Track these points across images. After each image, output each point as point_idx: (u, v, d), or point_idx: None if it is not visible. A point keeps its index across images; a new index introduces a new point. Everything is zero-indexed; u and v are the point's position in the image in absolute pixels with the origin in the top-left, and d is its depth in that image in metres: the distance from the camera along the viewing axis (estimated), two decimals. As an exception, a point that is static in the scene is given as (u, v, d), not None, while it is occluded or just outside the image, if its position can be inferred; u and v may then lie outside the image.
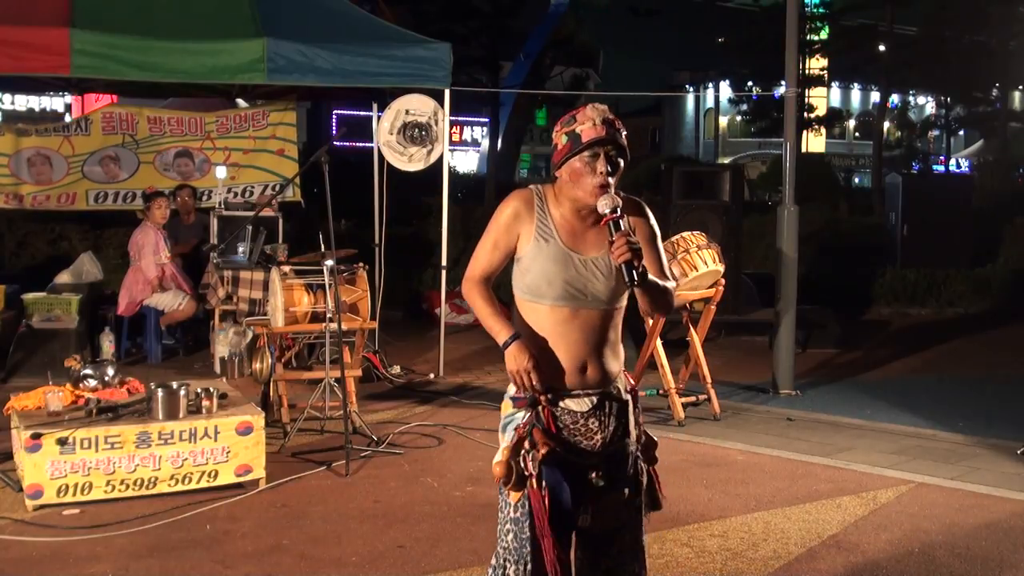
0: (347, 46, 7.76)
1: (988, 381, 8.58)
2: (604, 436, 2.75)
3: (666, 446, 6.25)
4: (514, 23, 25.14)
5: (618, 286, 2.73)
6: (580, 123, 2.69)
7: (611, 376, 2.77)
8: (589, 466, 2.72)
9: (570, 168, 2.70)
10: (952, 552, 4.44)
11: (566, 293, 2.69)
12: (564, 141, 2.71)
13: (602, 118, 2.69)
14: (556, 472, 2.66)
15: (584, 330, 2.71)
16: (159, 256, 8.55)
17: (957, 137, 41.20)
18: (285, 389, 6.65)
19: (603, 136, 2.66)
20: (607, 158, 2.68)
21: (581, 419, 2.72)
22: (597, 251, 2.73)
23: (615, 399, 2.79)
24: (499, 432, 2.79)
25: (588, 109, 2.71)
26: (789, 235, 7.72)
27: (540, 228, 2.72)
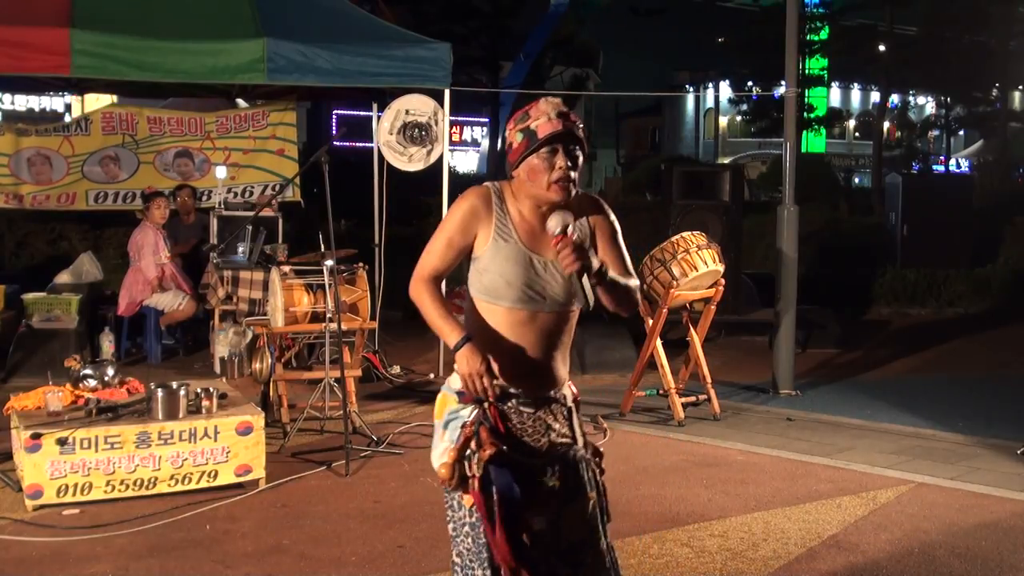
0: (347, 46, 7.76)
1: (988, 381, 8.58)
2: (552, 437, 2.69)
3: (666, 446, 6.28)
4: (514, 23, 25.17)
5: (576, 289, 2.65)
6: (534, 119, 2.60)
7: (560, 380, 2.73)
8: (540, 466, 2.65)
9: (528, 166, 2.61)
10: (952, 552, 4.44)
11: (524, 296, 2.62)
12: (519, 139, 2.62)
13: (556, 111, 2.60)
14: (506, 473, 2.55)
15: (540, 333, 2.65)
16: (159, 256, 8.55)
17: (957, 137, 41.20)
18: (285, 389, 6.65)
19: (560, 130, 2.58)
20: (566, 152, 2.60)
21: (529, 419, 2.66)
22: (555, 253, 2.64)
23: (560, 404, 2.73)
24: (439, 428, 2.67)
25: (541, 103, 2.62)
26: (789, 235, 7.72)
27: (499, 228, 2.64)
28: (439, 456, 2.62)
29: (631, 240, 2.91)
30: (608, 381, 8.20)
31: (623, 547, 4.44)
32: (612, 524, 2.83)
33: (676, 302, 6.76)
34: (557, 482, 2.66)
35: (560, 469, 2.68)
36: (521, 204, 2.67)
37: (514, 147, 2.64)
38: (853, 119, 46.41)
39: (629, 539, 4.53)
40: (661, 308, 6.73)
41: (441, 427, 2.67)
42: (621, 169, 42.59)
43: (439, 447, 2.65)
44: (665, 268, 6.65)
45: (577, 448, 2.75)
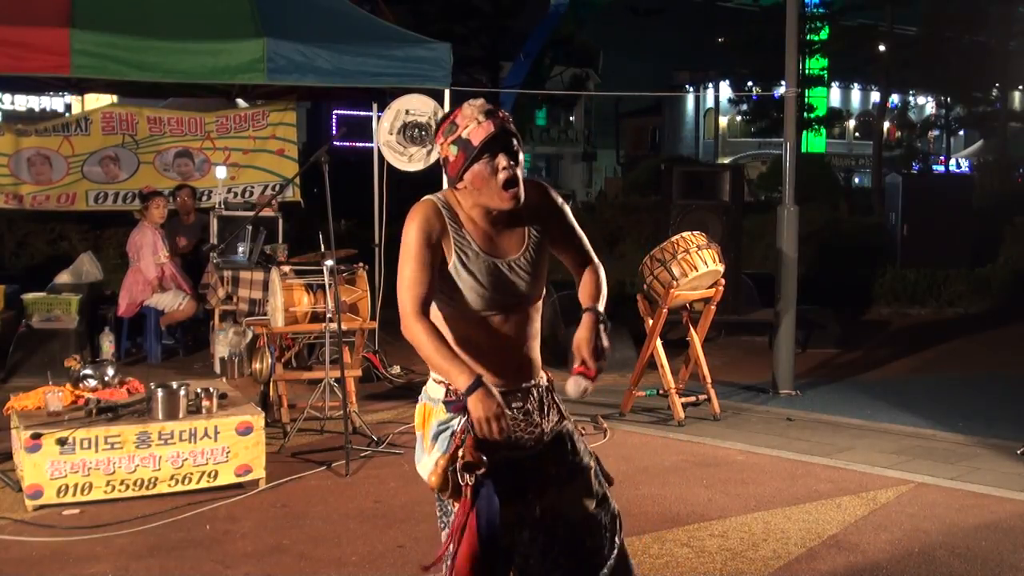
0: (347, 46, 7.76)
1: (988, 381, 8.58)
2: (543, 428, 2.68)
3: (666, 446, 6.27)
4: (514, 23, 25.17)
5: (538, 280, 2.66)
6: (463, 127, 2.52)
7: (537, 366, 2.72)
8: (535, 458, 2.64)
9: (472, 174, 2.53)
10: (952, 552, 4.44)
11: (496, 301, 2.59)
12: (455, 152, 2.54)
13: (483, 112, 2.53)
14: (488, 485, 2.50)
15: (515, 330, 2.63)
16: (158, 256, 8.54)
17: (957, 137, 41.21)
18: (285, 389, 6.65)
19: (494, 131, 2.51)
20: (505, 151, 2.53)
21: (521, 415, 2.64)
22: (517, 251, 2.63)
23: (544, 389, 2.74)
24: (428, 439, 2.64)
25: (465, 108, 2.55)
26: (789, 235, 7.72)
27: (458, 243, 2.57)
28: (429, 467, 2.59)
29: (631, 240, 2.92)
30: (608, 381, 8.19)
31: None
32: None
33: (676, 302, 6.76)
34: (554, 468, 2.66)
35: (555, 453, 2.68)
36: (471, 211, 2.61)
37: (451, 160, 2.56)
38: (853, 119, 46.43)
39: (629, 539, 4.50)
40: (661, 308, 6.73)
41: (430, 439, 2.63)
42: (621, 169, 42.61)
43: (425, 459, 2.63)
44: (665, 268, 6.65)
45: (567, 423, 2.76)
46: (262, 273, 7.82)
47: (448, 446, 2.56)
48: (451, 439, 2.55)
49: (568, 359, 2.69)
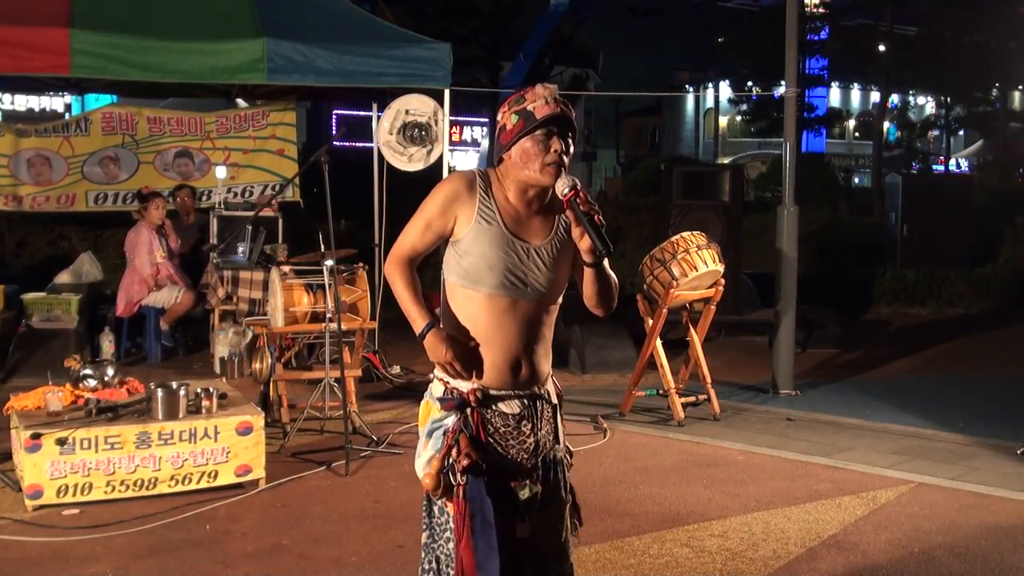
0: (347, 46, 7.76)
1: (988, 381, 8.58)
2: (536, 439, 2.64)
3: (666, 446, 6.27)
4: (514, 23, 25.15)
5: (557, 276, 2.63)
6: (531, 101, 2.56)
7: (542, 376, 2.68)
8: (522, 473, 2.61)
9: (521, 148, 2.55)
10: (952, 552, 4.44)
11: (506, 281, 2.56)
12: (514, 120, 2.56)
13: (553, 96, 2.56)
14: (480, 484, 2.51)
15: (521, 323, 2.59)
16: (153, 256, 8.54)
17: (957, 137, 41.21)
18: (285, 389, 6.65)
19: (558, 113, 2.54)
20: (561, 136, 2.56)
21: (513, 422, 2.61)
22: (541, 239, 2.62)
23: (546, 401, 2.69)
24: (423, 437, 2.64)
25: (538, 88, 2.58)
26: (789, 235, 7.72)
27: (482, 210, 2.58)
28: (424, 465, 2.60)
29: (631, 240, 2.92)
30: (608, 381, 8.21)
31: (623, 547, 4.45)
32: (610, 523, 2.83)
33: (676, 302, 6.76)
34: (538, 488, 2.63)
35: (540, 474, 2.65)
36: (507, 189, 2.62)
37: (508, 128, 2.58)
38: (853, 119, 46.43)
39: (629, 539, 4.54)
40: (661, 308, 6.73)
41: (425, 436, 2.63)
42: (621, 169, 42.62)
43: (423, 456, 2.62)
44: (665, 268, 6.65)
45: (559, 448, 2.72)
46: (262, 273, 7.82)
47: (441, 444, 2.56)
48: (444, 438, 2.57)
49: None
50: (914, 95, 38.55)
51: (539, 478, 2.62)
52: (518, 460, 2.61)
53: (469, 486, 2.50)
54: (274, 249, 8.05)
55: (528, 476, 2.61)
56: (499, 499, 2.54)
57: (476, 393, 2.57)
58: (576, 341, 8.66)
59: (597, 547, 4.43)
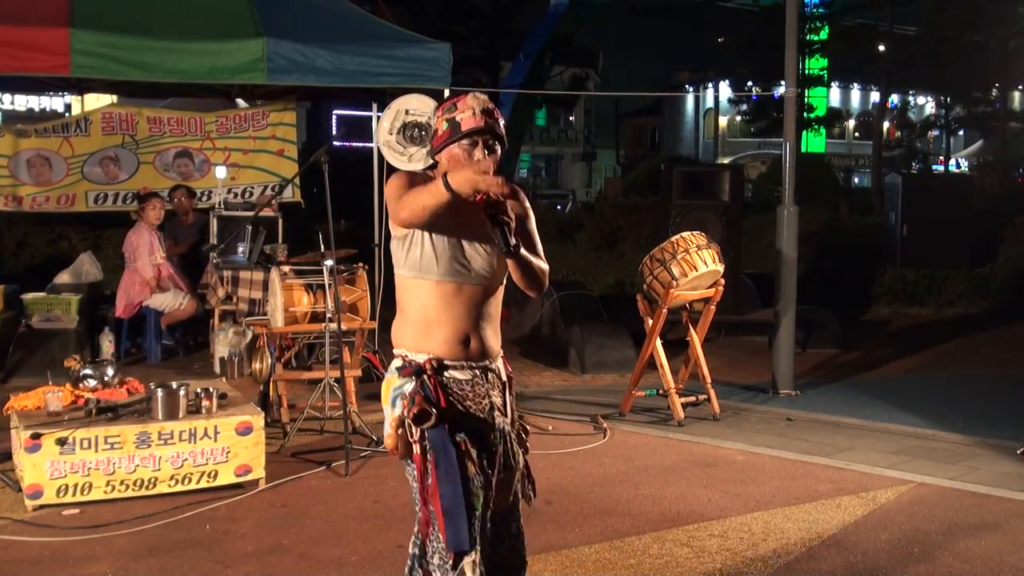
0: (347, 46, 7.75)
1: (988, 381, 8.58)
2: (491, 401, 2.85)
3: (666, 446, 6.28)
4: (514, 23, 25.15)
5: (499, 263, 2.84)
6: (460, 111, 2.79)
7: (492, 352, 2.89)
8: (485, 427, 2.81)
9: (449, 153, 2.80)
10: (952, 552, 4.44)
11: (452, 269, 2.78)
12: (444, 127, 2.81)
13: (482, 108, 2.79)
14: (441, 431, 2.71)
15: (468, 305, 2.81)
16: (154, 257, 8.53)
17: (957, 137, 41.21)
18: (285, 389, 6.65)
19: (481, 126, 2.77)
20: (485, 146, 2.79)
21: (467, 386, 2.82)
22: (480, 229, 2.79)
23: (496, 375, 2.90)
24: (387, 409, 2.82)
25: (469, 99, 2.81)
26: (789, 235, 7.72)
27: None
28: (386, 431, 2.80)
29: (631, 240, 2.94)
30: (608, 381, 8.21)
31: (623, 547, 4.45)
32: (610, 523, 2.86)
33: (676, 302, 6.76)
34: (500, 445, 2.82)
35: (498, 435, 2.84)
36: None
37: (439, 134, 2.83)
38: (853, 119, 46.44)
39: (629, 539, 4.54)
40: (661, 308, 6.73)
41: (389, 407, 2.82)
42: (621, 169, 42.62)
43: (385, 427, 2.82)
44: (665, 268, 6.65)
45: (506, 421, 2.89)
46: (262, 273, 7.82)
47: (400, 408, 2.76)
48: (402, 401, 2.76)
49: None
50: (914, 95, 38.56)
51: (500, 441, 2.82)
52: (478, 416, 2.81)
53: (431, 435, 2.71)
54: (274, 249, 8.05)
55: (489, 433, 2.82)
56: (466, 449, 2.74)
57: (431, 362, 2.78)
58: (576, 341, 8.66)
59: (597, 547, 4.43)
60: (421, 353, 2.79)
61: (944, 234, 13.06)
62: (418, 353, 2.80)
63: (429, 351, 2.79)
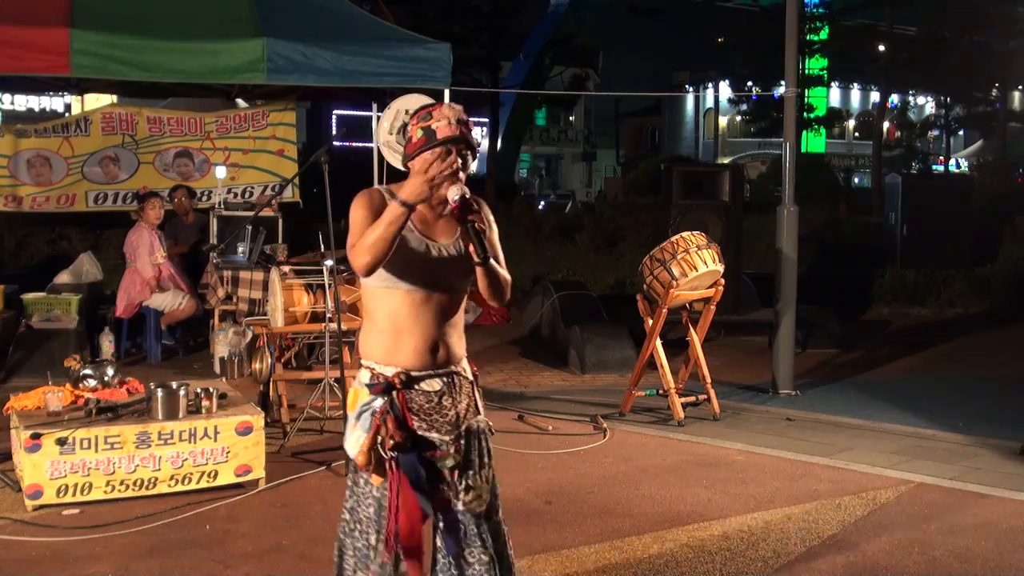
0: (347, 46, 7.75)
1: (988, 381, 8.58)
2: (458, 412, 2.90)
3: (666, 446, 6.27)
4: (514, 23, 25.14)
5: (466, 271, 2.89)
6: (436, 120, 2.83)
7: (457, 357, 2.94)
8: (445, 444, 2.86)
9: (422, 160, 2.82)
10: (952, 552, 4.44)
11: (422, 279, 2.84)
12: (419, 135, 2.85)
13: (456, 118, 2.84)
14: (411, 458, 2.79)
15: (436, 313, 2.87)
16: (154, 257, 8.53)
17: (957, 137, 41.21)
18: (285, 389, 6.64)
19: (456, 135, 2.82)
20: (459, 155, 2.82)
21: (435, 398, 2.87)
22: (448, 238, 2.89)
23: (464, 377, 2.95)
24: (352, 419, 2.87)
25: (444, 108, 2.86)
26: (789, 235, 7.72)
27: None
28: (354, 444, 2.84)
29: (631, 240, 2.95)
30: (608, 381, 8.20)
31: (623, 547, 4.45)
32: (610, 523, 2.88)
33: (676, 302, 6.76)
34: (459, 457, 2.87)
35: (464, 443, 2.89)
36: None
37: (413, 141, 2.86)
38: (853, 119, 46.44)
39: (629, 539, 4.54)
40: (661, 308, 6.73)
41: (354, 418, 2.87)
42: (621, 169, 42.63)
43: (351, 436, 2.86)
44: (665, 268, 6.65)
45: (480, 419, 2.97)
46: (262, 273, 7.81)
47: (370, 425, 2.82)
48: (372, 418, 2.82)
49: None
50: (914, 95, 38.55)
51: (461, 448, 2.88)
52: (442, 433, 2.87)
53: (403, 461, 2.78)
54: (274, 249, 8.04)
55: (451, 447, 2.86)
56: (426, 469, 2.82)
57: (400, 376, 2.83)
58: (576, 341, 8.66)
59: (597, 547, 4.43)
60: (390, 366, 2.84)
61: (944, 234, 13.07)
62: (387, 366, 2.84)
63: (398, 363, 2.84)
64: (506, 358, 9.13)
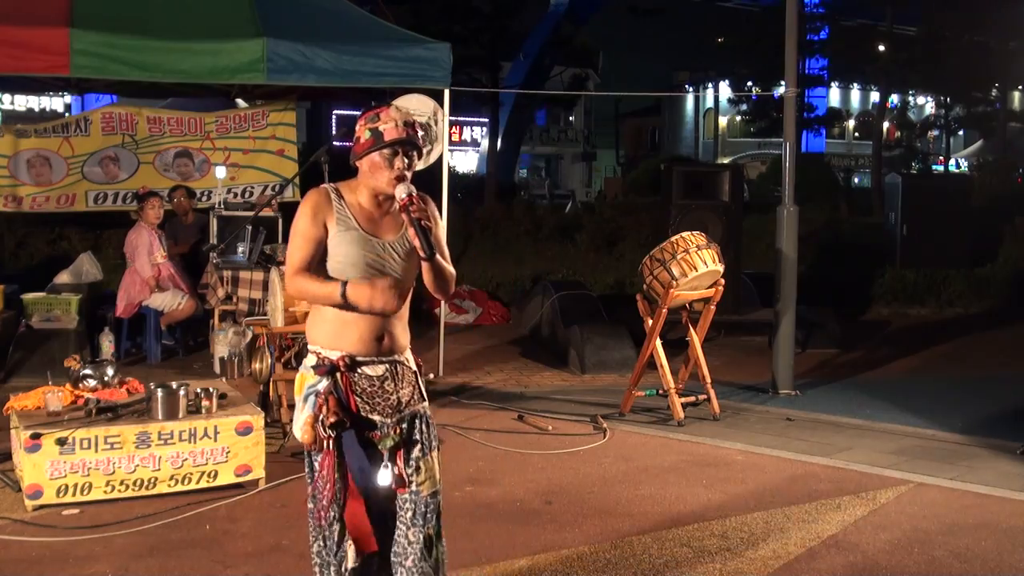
0: (347, 46, 7.76)
1: (988, 381, 8.58)
2: (399, 397, 3.06)
3: (666, 446, 6.27)
4: (514, 23, 25.15)
5: (411, 266, 3.07)
6: (383, 122, 3.00)
7: (401, 347, 3.10)
8: (386, 426, 3.03)
9: (370, 161, 3.01)
10: (952, 552, 4.45)
11: (367, 273, 3.00)
12: (367, 136, 3.01)
13: (404, 120, 3.01)
14: (351, 436, 2.97)
15: None
16: (154, 257, 8.53)
17: (957, 137, 41.21)
18: (285, 389, 6.63)
19: (403, 137, 2.99)
20: (405, 156, 3.00)
21: (377, 383, 3.04)
22: (393, 235, 3.07)
23: (406, 366, 3.12)
24: (299, 402, 3.03)
25: (391, 110, 3.02)
26: (789, 235, 7.72)
27: (340, 218, 3.02)
28: (300, 425, 3.00)
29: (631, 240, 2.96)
30: (608, 381, 8.20)
31: (623, 547, 4.45)
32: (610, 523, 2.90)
33: (676, 302, 6.76)
34: (399, 439, 3.04)
35: (407, 426, 3.07)
36: (360, 195, 3.08)
37: (361, 141, 3.03)
38: (853, 119, 46.43)
39: (629, 539, 4.54)
40: (661, 308, 6.73)
41: (301, 401, 3.03)
42: (621, 169, 42.63)
43: (299, 418, 3.02)
44: (665, 268, 6.65)
45: (424, 405, 3.14)
46: (262, 273, 7.81)
47: (314, 404, 2.98)
48: (316, 399, 2.98)
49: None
50: (914, 95, 38.54)
51: (403, 431, 3.05)
52: (383, 415, 3.03)
53: (342, 439, 2.97)
54: (274, 249, 8.03)
55: (391, 429, 3.03)
56: (368, 448, 3.01)
57: (344, 360, 2.99)
58: (576, 341, 8.66)
59: (597, 547, 4.43)
60: (335, 351, 2.99)
61: (944, 234, 13.06)
62: (332, 350, 2.99)
63: (343, 348, 2.99)
64: (506, 358, 9.13)
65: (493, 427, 6.56)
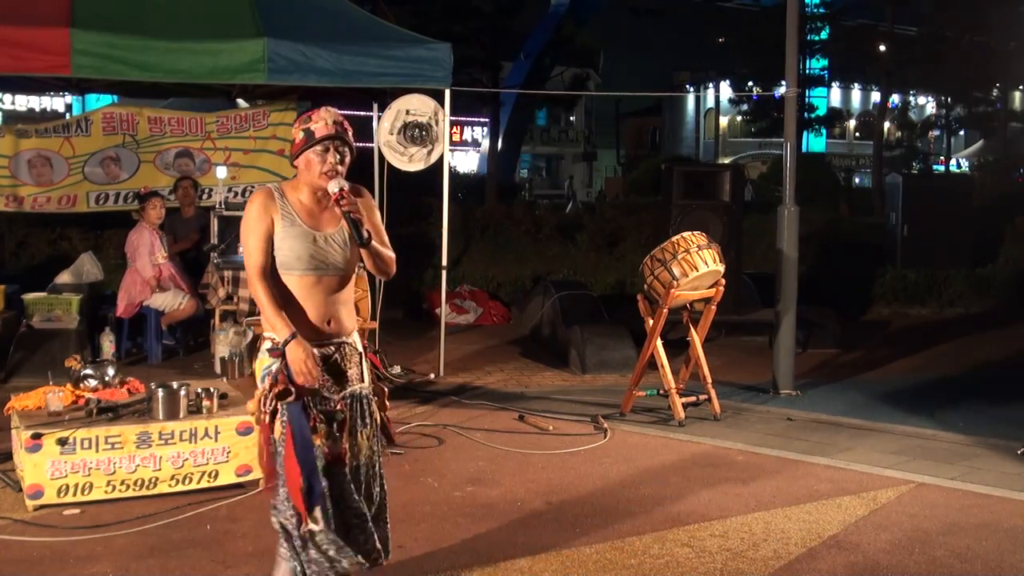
0: (347, 46, 7.77)
1: (989, 381, 8.58)
2: (348, 374, 3.38)
3: (666, 446, 6.28)
4: (514, 23, 25.13)
5: (351, 256, 3.37)
6: (314, 122, 3.31)
7: (347, 330, 3.41)
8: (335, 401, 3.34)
9: (305, 159, 3.32)
10: (952, 552, 4.45)
11: (311, 264, 3.31)
12: (301, 136, 3.33)
13: (333, 119, 3.32)
14: (296, 407, 3.22)
15: (326, 292, 3.34)
16: (155, 257, 8.53)
17: (957, 137, 41.20)
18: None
19: (332, 133, 3.29)
20: (336, 151, 3.30)
21: (327, 361, 3.34)
22: (333, 227, 3.36)
23: (353, 348, 3.42)
24: (259, 382, 3.32)
25: (322, 111, 3.33)
26: (789, 235, 7.72)
27: (284, 215, 3.32)
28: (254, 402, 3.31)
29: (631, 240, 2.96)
30: (608, 381, 8.21)
31: (623, 547, 4.45)
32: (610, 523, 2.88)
33: (676, 302, 6.76)
34: (346, 414, 3.35)
35: (351, 402, 3.38)
36: (300, 193, 3.38)
37: (296, 141, 3.35)
38: (853, 119, 46.42)
39: (629, 539, 4.54)
40: (661, 308, 6.73)
41: (260, 383, 3.31)
42: (621, 169, 42.62)
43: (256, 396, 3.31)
44: (665, 268, 6.65)
45: (364, 386, 3.44)
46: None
47: (266, 384, 3.27)
48: (268, 379, 3.26)
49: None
50: (914, 95, 38.53)
51: (346, 407, 3.36)
52: (330, 392, 3.34)
53: (289, 408, 3.22)
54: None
55: (337, 404, 3.34)
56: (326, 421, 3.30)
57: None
58: (576, 341, 8.66)
59: (597, 547, 4.43)
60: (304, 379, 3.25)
61: (944, 234, 13.06)
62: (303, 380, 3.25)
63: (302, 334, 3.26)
64: (506, 358, 9.13)
65: (494, 427, 6.57)
